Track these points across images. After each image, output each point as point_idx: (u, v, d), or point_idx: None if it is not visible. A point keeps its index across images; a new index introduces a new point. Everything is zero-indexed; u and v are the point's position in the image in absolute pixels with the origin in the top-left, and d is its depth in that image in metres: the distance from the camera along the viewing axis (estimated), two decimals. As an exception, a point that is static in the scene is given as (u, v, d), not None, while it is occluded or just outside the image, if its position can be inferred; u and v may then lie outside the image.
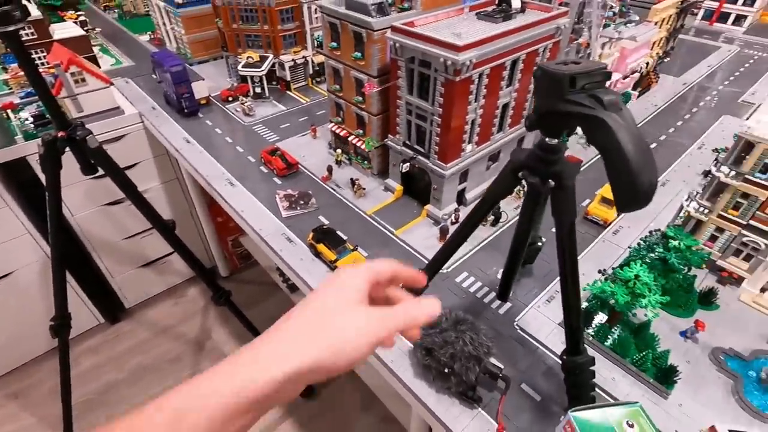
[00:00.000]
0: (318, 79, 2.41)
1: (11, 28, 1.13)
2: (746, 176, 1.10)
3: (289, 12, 2.12)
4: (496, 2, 1.38)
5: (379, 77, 1.39)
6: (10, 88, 2.26)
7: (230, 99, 2.18)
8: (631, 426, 0.74)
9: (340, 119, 1.67)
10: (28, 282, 2.16)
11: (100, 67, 2.39)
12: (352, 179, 1.59)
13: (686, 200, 1.25)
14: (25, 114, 2.02)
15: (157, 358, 2.47)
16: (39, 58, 2.18)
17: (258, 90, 2.15)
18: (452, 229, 1.40)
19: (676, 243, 1.10)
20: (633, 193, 0.55)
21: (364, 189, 1.57)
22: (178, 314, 2.73)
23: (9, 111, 2.03)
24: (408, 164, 1.41)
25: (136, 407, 0.32)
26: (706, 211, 1.21)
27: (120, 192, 1.50)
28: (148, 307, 2.75)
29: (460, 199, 1.50)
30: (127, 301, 2.67)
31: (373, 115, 1.48)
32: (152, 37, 2.98)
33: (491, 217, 1.42)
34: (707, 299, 1.16)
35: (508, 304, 1.19)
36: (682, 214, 1.29)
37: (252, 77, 2.10)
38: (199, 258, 2.71)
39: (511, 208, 1.49)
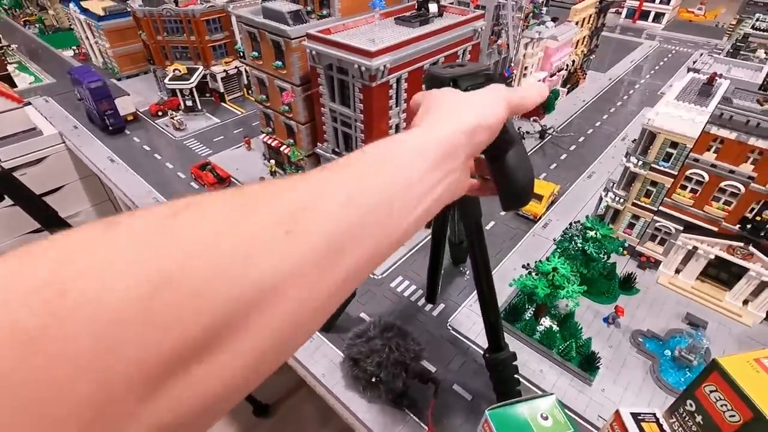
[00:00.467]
0: (253, 89, 2.36)
1: None
2: (652, 165, 1.16)
3: (216, 22, 2.06)
4: (415, 7, 1.39)
5: (302, 85, 1.37)
6: None
7: (160, 114, 2.10)
8: (546, 419, 0.75)
9: (270, 129, 1.63)
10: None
11: (15, 86, 2.24)
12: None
13: (604, 191, 1.31)
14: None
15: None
16: (-60, 80, 2.01)
17: (189, 103, 2.08)
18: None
19: (593, 233, 1.14)
20: (513, 194, 0.56)
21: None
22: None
23: None
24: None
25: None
26: (622, 200, 1.27)
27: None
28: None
29: (394, 204, 1.50)
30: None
31: (301, 124, 1.46)
32: (77, 52, 2.84)
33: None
34: (627, 284, 1.22)
35: (441, 305, 1.19)
36: (602, 205, 1.35)
37: (181, 90, 2.03)
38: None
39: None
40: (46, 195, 1.84)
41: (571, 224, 1.29)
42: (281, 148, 1.59)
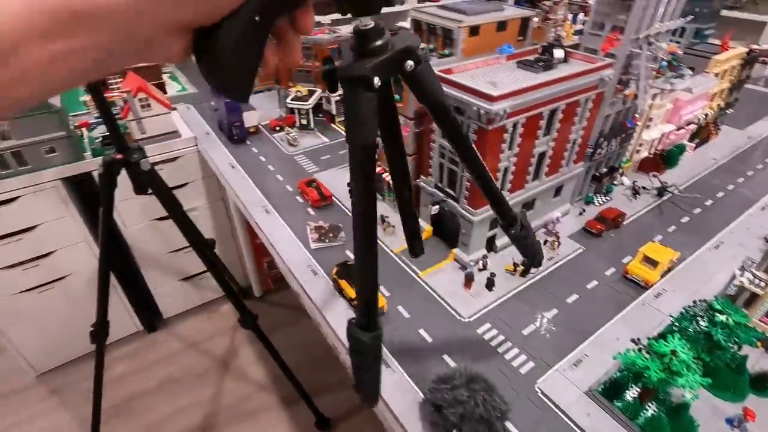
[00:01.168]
0: (362, 114, 2.48)
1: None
2: (810, 250, 1.00)
3: (338, 51, 2.22)
4: (539, 51, 1.37)
5: (414, 119, 1.41)
6: (88, 109, 2.50)
7: (277, 129, 2.29)
8: None
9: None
10: (79, 286, 2.32)
11: (165, 93, 2.61)
12: (382, 216, 1.60)
13: (740, 270, 1.14)
14: (95, 133, 2.22)
15: (185, 371, 2.54)
16: (115, 84, 2.41)
17: (304, 122, 2.25)
18: (479, 276, 1.36)
19: (723, 318, 1.00)
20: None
21: (393, 227, 1.57)
22: (209, 330, 2.82)
23: (84, 129, 2.24)
24: (438, 206, 1.41)
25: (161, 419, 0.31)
26: (763, 284, 1.10)
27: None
28: (183, 320, 2.86)
29: (490, 246, 1.47)
30: (165, 312, 2.79)
31: (408, 155, 1.49)
32: (216, 67, 3.22)
33: (521, 267, 1.36)
34: (761, 384, 1.04)
35: (531, 363, 1.12)
36: (734, 284, 1.18)
37: (299, 109, 2.20)
38: (235, 277, 2.82)
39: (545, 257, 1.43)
40: (174, 189, 2.10)
41: (694, 302, 1.15)
42: (383, 175, 1.65)
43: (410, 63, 0.53)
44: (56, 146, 1.98)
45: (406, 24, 1.96)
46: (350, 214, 1.70)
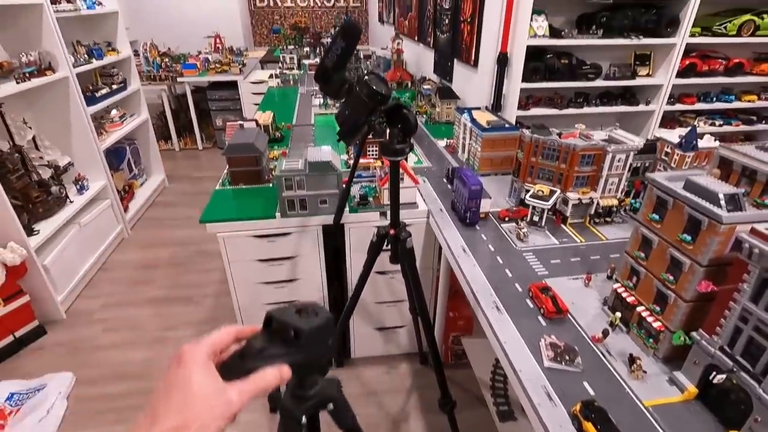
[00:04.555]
0: (596, 220, 2.36)
1: (400, 159, 1.54)
2: None
3: (590, 157, 2.18)
4: None
5: (707, 267, 1.25)
6: (348, 168, 3.02)
7: (506, 219, 2.35)
8: None
9: (632, 284, 1.57)
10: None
11: (407, 161, 2.97)
12: (631, 355, 1.44)
13: None
14: (353, 191, 2.66)
15: (362, 419, 2.70)
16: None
17: (535, 218, 2.25)
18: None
19: None
20: None
21: (644, 372, 1.40)
22: (387, 383, 2.96)
23: (343, 185, 2.71)
24: (723, 377, 1.19)
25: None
26: None
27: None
28: (366, 365, 3.08)
29: (788, 445, 1.15)
30: (354, 351, 3.06)
31: (685, 301, 1.33)
32: (447, 143, 3.54)
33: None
34: None
35: None
36: None
37: (535, 207, 2.22)
38: (416, 341, 2.93)
39: None
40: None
41: None
42: (638, 308, 1.50)
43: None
44: (328, 199, 2.44)
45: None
46: (585, 334, 1.59)
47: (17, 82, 3.39)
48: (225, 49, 7.90)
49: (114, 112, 5.04)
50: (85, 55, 4.45)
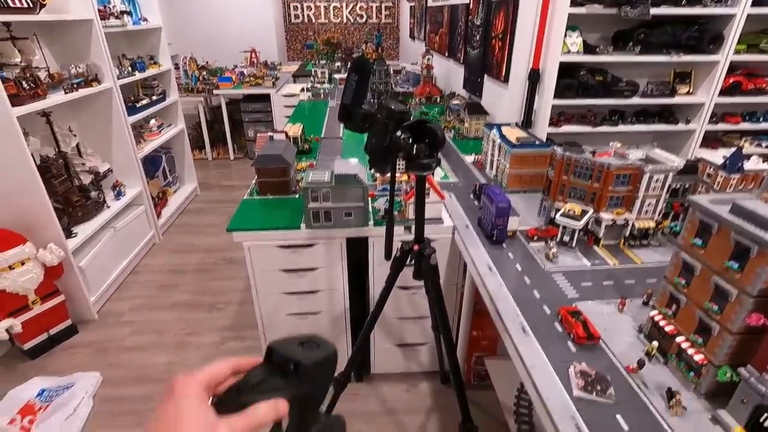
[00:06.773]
0: (631, 243, 2.25)
1: (426, 173, 1.52)
2: None
3: (625, 177, 2.10)
4: None
5: (757, 298, 1.16)
6: (374, 180, 3.02)
7: (535, 238, 2.28)
8: None
9: (671, 312, 1.47)
10: (323, 323, 2.73)
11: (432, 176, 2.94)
12: (669, 389, 1.34)
13: None
14: (378, 204, 2.65)
15: (379, 435, 2.65)
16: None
17: (566, 238, 2.17)
18: None
19: None
20: None
21: (684, 408, 1.30)
22: (406, 401, 2.88)
23: (370, 198, 2.70)
24: (776, 419, 1.09)
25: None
26: None
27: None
28: (386, 381, 3.02)
29: None
30: (374, 366, 3.01)
31: (731, 333, 1.23)
32: (476, 159, 3.50)
33: None
34: None
35: None
36: None
37: (566, 226, 2.14)
38: (438, 360, 2.85)
39: None
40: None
41: None
42: (677, 338, 1.40)
43: None
44: (353, 212, 2.44)
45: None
46: (619, 363, 1.50)
47: (66, 92, 3.59)
48: (260, 63, 8.16)
49: (152, 121, 5.26)
50: (129, 68, 4.68)
